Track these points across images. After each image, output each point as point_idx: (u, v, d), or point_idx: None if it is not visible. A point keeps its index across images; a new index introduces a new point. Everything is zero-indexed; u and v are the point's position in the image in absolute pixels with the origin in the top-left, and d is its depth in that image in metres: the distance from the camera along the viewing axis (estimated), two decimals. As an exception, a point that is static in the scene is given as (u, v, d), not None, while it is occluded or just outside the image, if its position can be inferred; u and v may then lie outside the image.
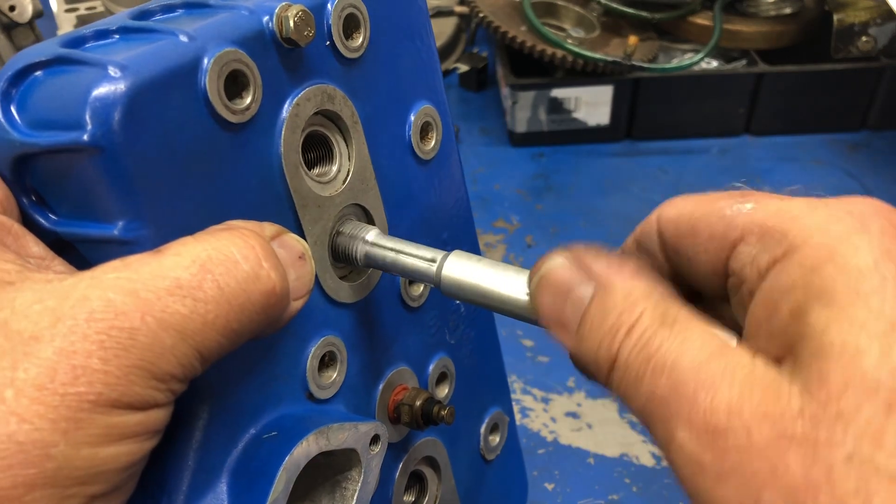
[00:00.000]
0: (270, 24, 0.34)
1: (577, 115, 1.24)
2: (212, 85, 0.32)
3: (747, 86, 1.25)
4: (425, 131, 0.45)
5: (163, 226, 0.31)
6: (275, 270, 0.31)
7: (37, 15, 0.87)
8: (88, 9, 1.37)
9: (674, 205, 0.33)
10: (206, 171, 0.33)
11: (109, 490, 0.28)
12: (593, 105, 1.24)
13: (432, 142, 0.46)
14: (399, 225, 0.44)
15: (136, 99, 0.29)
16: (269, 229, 0.33)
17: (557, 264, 0.32)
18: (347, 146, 0.40)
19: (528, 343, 0.91)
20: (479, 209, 1.14)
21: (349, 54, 0.39)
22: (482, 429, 0.55)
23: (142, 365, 0.27)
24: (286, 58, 0.36)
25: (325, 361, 0.40)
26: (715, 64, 1.31)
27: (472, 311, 0.52)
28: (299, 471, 0.35)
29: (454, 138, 0.48)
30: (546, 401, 0.85)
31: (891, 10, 1.12)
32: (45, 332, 0.26)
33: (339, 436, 0.37)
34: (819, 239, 0.27)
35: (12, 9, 0.85)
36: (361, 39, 0.39)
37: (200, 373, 0.30)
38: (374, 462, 0.39)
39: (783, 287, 0.27)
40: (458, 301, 0.50)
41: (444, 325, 0.50)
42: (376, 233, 0.40)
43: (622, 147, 1.28)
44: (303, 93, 0.36)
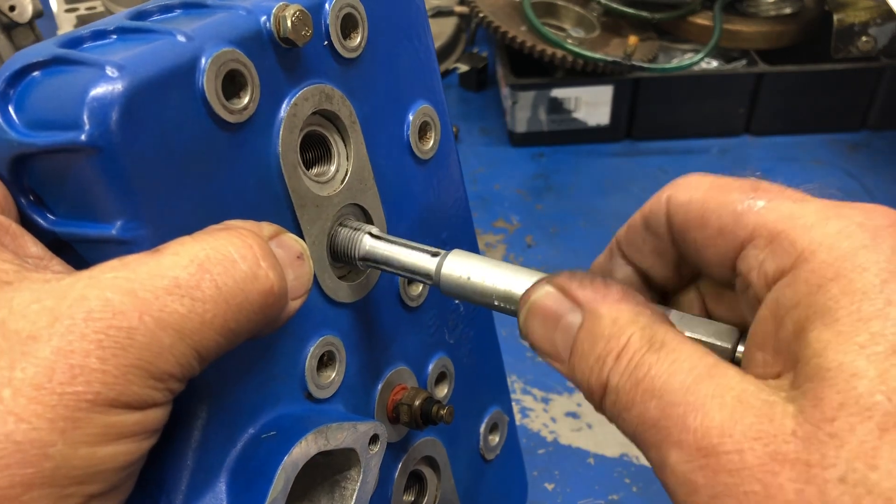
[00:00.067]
0: (268, 24, 0.34)
1: (577, 115, 1.24)
2: (209, 85, 0.32)
3: (747, 86, 1.25)
4: (424, 131, 0.45)
5: (161, 225, 0.31)
6: (273, 270, 0.31)
7: (37, 15, 0.87)
8: (88, 9, 1.37)
9: (685, 188, 0.32)
10: (204, 171, 0.33)
11: (107, 489, 0.28)
12: (593, 105, 1.24)
13: (431, 141, 0.46)
14: (398, 224, 0.44)
15: (134, 99, 0.29)
16: (267, 229, 0.33)
17: (544, 294, 0.32)
18: (346, 146, 0.40)
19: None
20: (479, 209, 1.14)
21: (347, 54, 0.39)
22: (481, 428, 0.55)
23: (140, 364, 0.27)
24: (284, 58, 0.36)
25: (324, 361, 0.40)
26: (715, 64, 1.31)
27: (471, 311, 0.52)
28: (298, 470, 0.35)
29: (453, 138, 0.48)
30: (546, 401, 0.85)
31: (891, 10, 1.12)
32: (42, 332, 0.26)
33: (337, 435, 0.37)
34: (826, 256, 0.27)
35: (12, 9, 0.85)
36: (359, 39, 0.39)
37: (199, 372, 0.30)
38: (373, 462, 0.39)
39: (789, 303, 0.27)
40: (458, 300, 0.50)
41: (444, 324, 0.50)
42: (375, 233, 0.40)
43: (622, 147, 1.28)
44: (301, 92, 0.36)
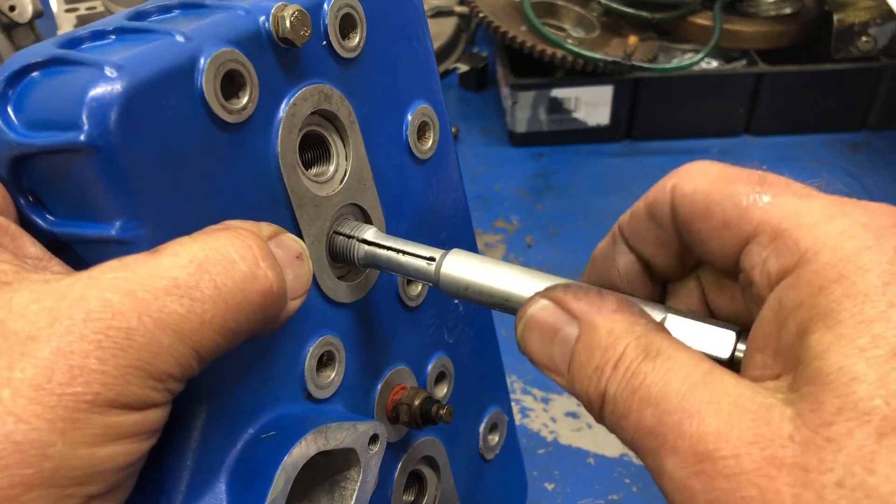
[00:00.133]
0: (267, 24, 0.34)
1: (577, 115, 1.24)
2: (208, 85, 0.32)
3: (747, 86, 1.25)
4: (422, 131, 0.45)
5: (160, 226, 0.31)
6: (272, 270, 0.31)
7: (37, 15, 0.87)
8: (88, 9, 1.37)
9: (690, 178, 0.32)
10: (203, 171, 0.33)
11: (107, 490, 0.28)
12: (593, 105, 1.24)
13: (429, 141, 0.46)
14: (397, 224, 0.44)
15: (133, 99, 0.29)
16: (266, 229, 0.33)
17: (540, 307, 0.33)
18: (345, 146, 0.40)
19: (528, 343, 0.91)
20: (479, 209, 1.14)
21: (346, 54, 0.39)
22: (481, 428, 0.55)
23: (139, 365, 0.27)
24: (283, 58, 0.36)
25: (324, 361, 0.40)
26: (715, 64, 1.31)
27: (470, 311, 0.52)
28: (298, 470, 0.35)
29: (451, 138, 0.48)
30: (546, 401, 0.85)
31: (891, 10, 1.12)
32: (42, 332, 0.26)
33: (337, 435, 0.37)
34: (829, 257, 0.27)
35: (12, 9, 0.85)
36: (358, 39, 0.39)
37: (198, 372, 0.30)
38: (372, 461, 0.39)
39: (791, 305, 0.27)
40: (457, 300, 0.50)
41: (443, 324, 0.50)
42: (374, 232, 0.40)
43: (622, 147, 1.28)
44: (299, 92, 0.36)
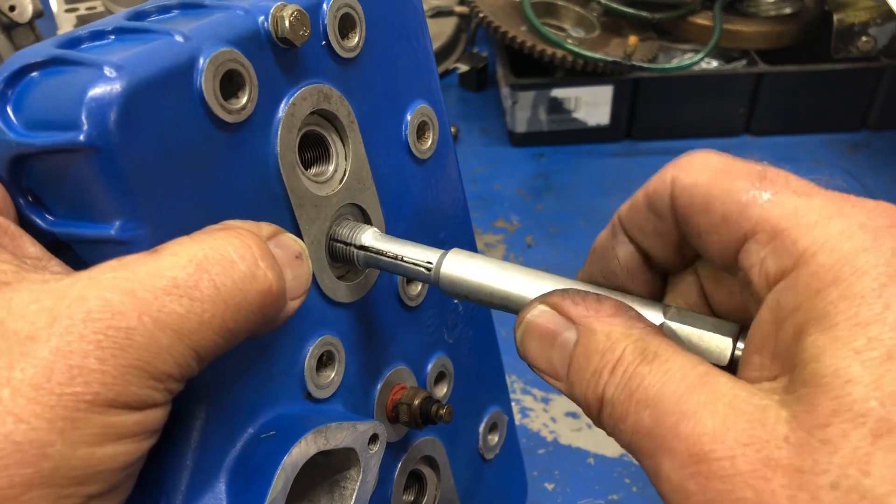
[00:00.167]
0: (266, 24, 0.34)
1: (577, 115, 1.24)
2: (207, 85, 0.32)
3: (747, 86, 1.25)
4: (422, 131, 0.45)
5: (159, 226, 0.31)
6: (271, 270, 0.31)
7: (37, 15, 0.87)
8: (88, 9, 1.37)
9: (691, 169, 0.32)
10: (203, 171, 0.33)
11: (107, 490, 0.28)
12: (593, 105, 1.24)
13: (429, 141, 0.46)
14: (396, 224, 0.44)
15: (132, 99, 0.29)
16: (265, 229, 0.33)
17: (539, 313, 0.33)
18: (344, 146, 0.40)
19: (528, 343, 0.91)
20: (479, 209, 1.14)
21: (345, 54, 0.39)
22: (481, 428, 0.55)
23: (139, 364, 0.27)
24: (282, 57, 0.36)
25: (323, 361, 0.40)
26: (715, 64, 1.30)
27: (470, 310, 0.52)
28: (297, 470, 0.35)
29: (451, 138, 0.48)
30: (546, 401, 0.85)
31: (891, 10, 1.12)
32: (41, 332, 0.26)
33: (337, 435, 0.37)
34: (826, 258, 0.27)
35: (12, 9, 0.85)
36: (357, 39, 0.39)
37: (197, 372, 0.30)
38: (372, 461, 0.39)
39: (789, 307, 0.27)
40: (457, 299, 0.50)
41: (443, 324, 0.50)
42: (374, 232, 0.40)
43: (622, 147, 1.28)
44: (299, 92, 0.37)
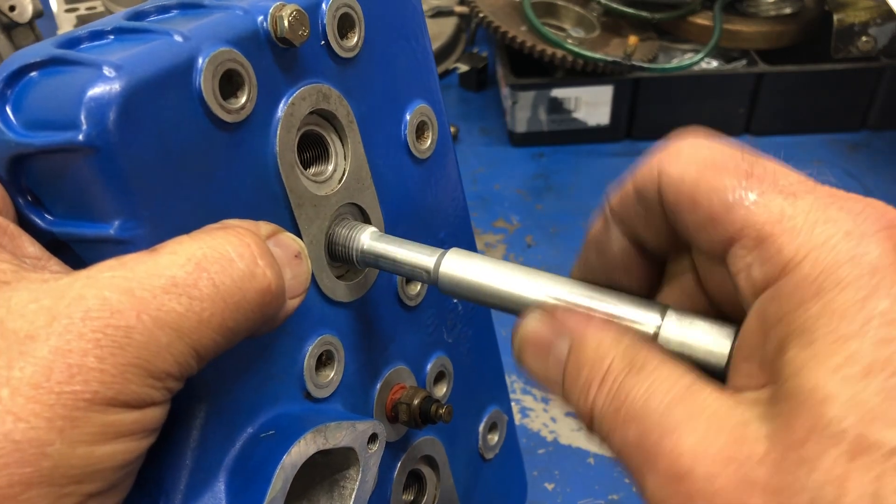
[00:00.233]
0: (265, 24, 0.34)
1: (577, 115, 1.24)
2: (207, 84, 0.32)
3: (747, 86, 1.25)
4: (421, 130, 0.45)
5: (158, 225, 0.31)
6: (270, 269, 0.31)
7: (37, 15, 0.87)
8: (88, 9, 1.37)
9: (678, 160, 0.30)
10: (202, 171, 0.33)
11: (106, 488, 0.28)
12: (593, 105, 1.24)
13: (428, 141, 0.46)
14: (396, 224, 0.44)
15: (131, 99, 0.29)
16: (264, 228, 0.33)
17: (534, 323, 0.33)
18: (343, 145, 0.40)
19: (528, 343, 0.91)
20: (479, 209, 1.14)
21: (344, 54, 0.39)
22: (480, 428, 0.55)
23: (138, 363, 0.27)
24: (281, 57, 0.36)
25: (323, 360, 0.40)
26: (715, 64, 1.31)
27: (469, 310, 0.52)
28: (297, 470, 0.35)
29: (450, 138, 0.48)
30: (546, 401, 0.85)
31: (891, 10, 1.12)
32: (40, 331, 0.26)
33: (336, 434, 0.37)
34: (810, 269, 0.26)
35: (12, 9, 0.85)
36: (356, 39, 0.39)
37: (197, 371, 0.30)
38: (372, 461, 0.39)
39: (773, 319, 0.27)
40: (456, 299, 0.50)
41: (442, 323, 0.50)
42: (373, 232, 0.40)
43: (622, 147, 1.28)
44: (298, 92, 0.37)
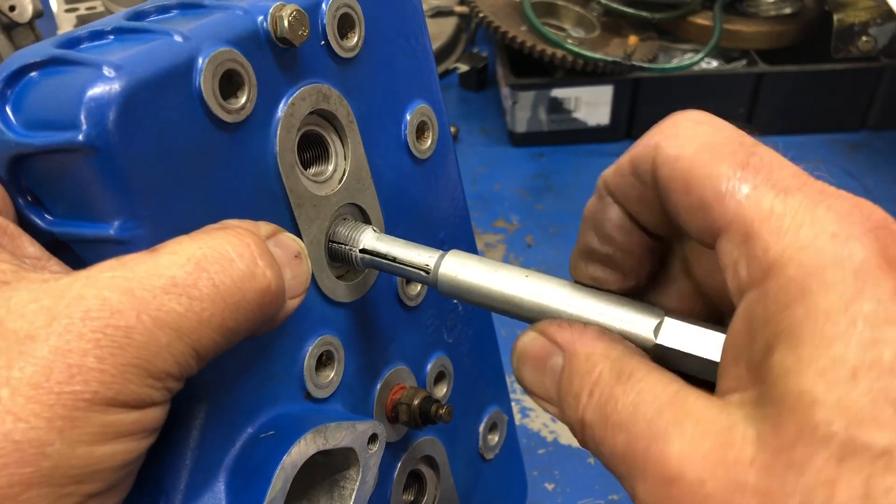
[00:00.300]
0: (265, 24, 0.34)
1: (577, 115, 1.24)
2: (206, 84, 0.32)
3: (747, 86, 1.25)
4: (421, 130, 0.45)
5: (158, 225, 0.31)
6: (270, 269, 0.31)
7: (37, 15, 0.87)
8: (88, 9, 1.37)
9: (676, 140, 0.31)
10: (202, 171, 0.33)
11: (106, 488, 0.28)
12: (593, 105, 1.24)
13: (428, 141, 0.46)
14: (396, 224, 0.44)
15: (131, 99, 0.29)
16: (264, 228, 0.33)
17: (530, 339, 0.33)
18: (343, 146, 0.40)
19: (528, 343, 0.91)
20: (479, 209, 1.14)
21: (344, 54, 0.39)
22: (481, 428, 0.55)
23: (138, 363, 0.27)
24: (281, 57, 0.36)
25: (323, 361, 0.40)
26: (715, 64, 1.30)
27: (469, 311, 0.52)
28: (297, 470, 0.35)
29: (450, 138, 0.48)
30: (546, 400, 0.85)
31: (891, 10, 1.12)
32: (40, 331, 0.26)
33: (336, 435, 0.37)
34: (795, 271, 0.26)
35: (12, 9, 0.85)
36: (356, 39, 0.39)
37: (197, 371, 0.30)
38: (372, 461, 0.39)
39: (759, 321, 0.27)
40: (456, 301, 0.50)
41: (442, 324, 0.50)
42: (373, 232, 0.40)
43: (622, 147, 1.27)
44: (298, 92, 0.37)
